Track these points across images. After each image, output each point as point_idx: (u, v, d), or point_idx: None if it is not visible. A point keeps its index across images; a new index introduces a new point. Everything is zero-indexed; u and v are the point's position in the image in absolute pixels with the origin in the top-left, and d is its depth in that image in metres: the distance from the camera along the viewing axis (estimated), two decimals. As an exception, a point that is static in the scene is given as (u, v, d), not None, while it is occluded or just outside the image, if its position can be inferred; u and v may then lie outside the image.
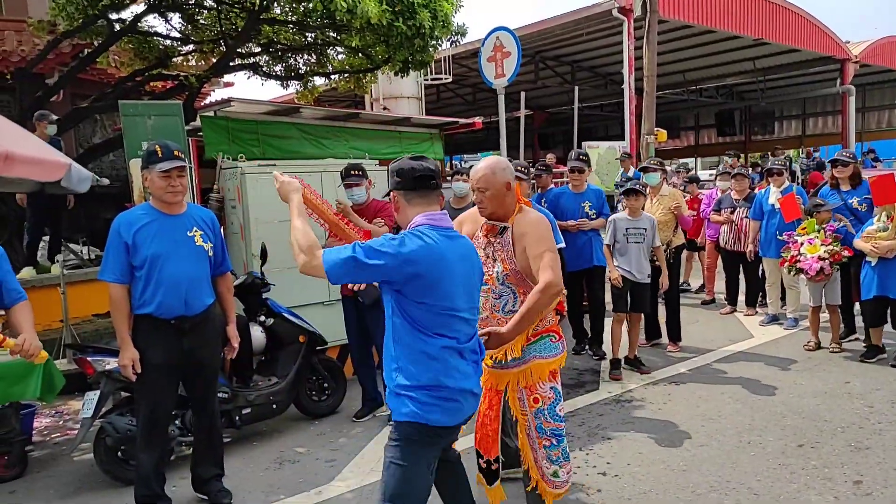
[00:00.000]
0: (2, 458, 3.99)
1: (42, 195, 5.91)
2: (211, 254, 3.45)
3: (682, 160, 23.19)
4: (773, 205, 6.67)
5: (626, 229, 5.45)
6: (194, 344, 3.37)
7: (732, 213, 7.40)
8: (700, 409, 4.71)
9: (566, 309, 3.03)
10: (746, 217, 7.20)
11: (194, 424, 3.67)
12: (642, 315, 5.81)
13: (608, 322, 5.86)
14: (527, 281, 2.83)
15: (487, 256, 2.89)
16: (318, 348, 4.86)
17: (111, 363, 3.62)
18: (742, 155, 22.50)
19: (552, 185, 6.84)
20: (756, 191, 7.38)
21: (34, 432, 4.64)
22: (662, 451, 4.04)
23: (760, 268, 7.38)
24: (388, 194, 2.59)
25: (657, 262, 5.72)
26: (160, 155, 3.23)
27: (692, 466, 3.82)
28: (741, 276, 7.57)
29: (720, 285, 8.00)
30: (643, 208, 5.66)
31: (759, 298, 7.63)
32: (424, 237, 2.31)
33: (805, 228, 5.73)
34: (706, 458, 3.93)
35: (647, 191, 6.17)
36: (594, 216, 5.95)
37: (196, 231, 3.39)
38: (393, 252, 2.24)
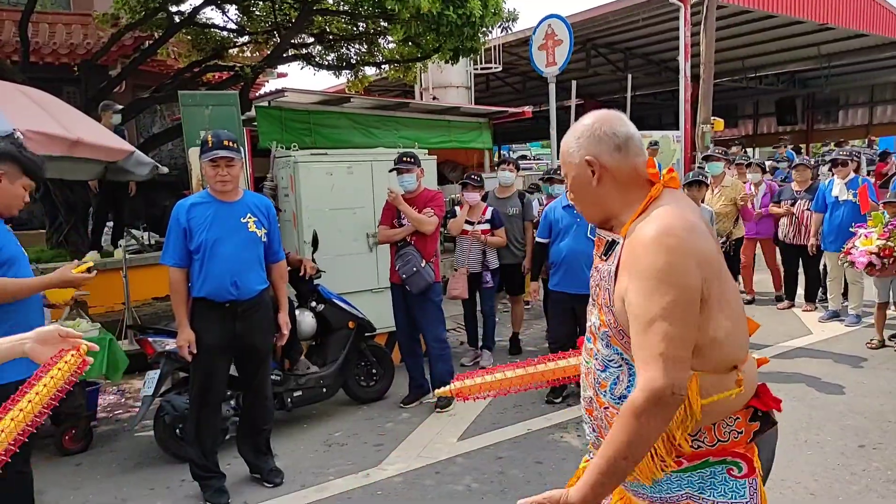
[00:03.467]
0: (69, 431, 4.20)
1: (106, 183, 6.16)
2: (264, 240, 3.52)
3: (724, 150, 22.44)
4: (836, 196, 6.40)
5: None
6: (245, 328, 3.46)
7: (793, 204, 7.13)
8: (754, 406, 4.57)
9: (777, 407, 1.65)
10: (808, 209, 6.93)
11: (243, 405, 3.79)
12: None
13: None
14: None
15: (592, 295, 1.66)
16: (366, 335, 4.93)
17: (170, 344, 3.76)
18: (804, 145, 21.61)
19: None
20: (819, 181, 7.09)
21: (98, 409, 4.86)
22: (714, 447, 3.94)
23: (822, 262, 7.10)
24: None
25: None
26: (210, 145, 3.33)
27: (745, 464, 3.72)
28: (800, 271, 7.30)
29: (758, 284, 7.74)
30: (703, 199, 5.50)
31: (819, 294, 7.35)
32: None
33: (873, 221, 5.48)
34: (760, 455, 3.82)
35: (710, 181, 5.99)
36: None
37: (250, 217, 3.46)
38: None
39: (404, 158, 4.68)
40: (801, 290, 7.37)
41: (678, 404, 1.41)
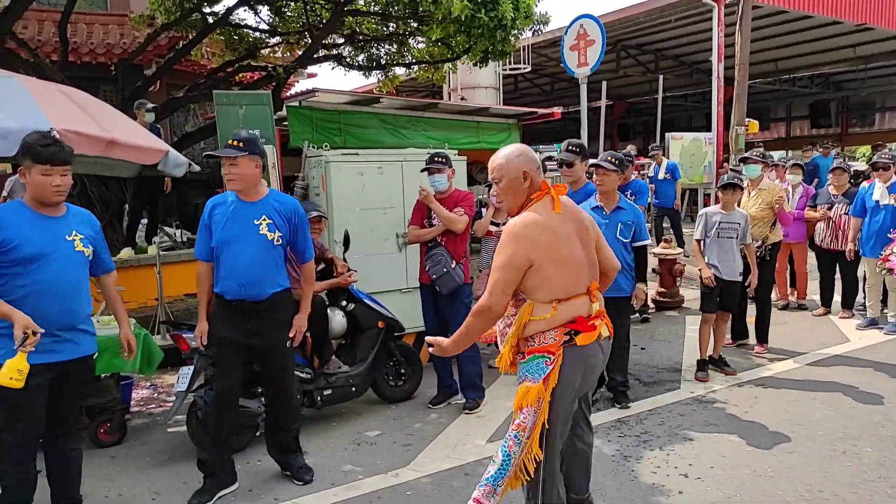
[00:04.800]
0: (104, 424, 4.28)
1: (142, 179, 6.27)
2: (278, 243, 3.46)
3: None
4: (877, 201, 6.25)
5: (719, 223, 5.20)
6: (260, 327, 3.48)
7: (829, 209, 6.98)
8: (789, 414, 4.48)
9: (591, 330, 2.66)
10: (845, 214, 6.77)
11: (266, 404, 3.81)
12: (730, 314, 5.57)
13: (691, 322, 5.66)
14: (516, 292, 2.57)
15: None
16: (395, 334, 4.94)
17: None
18: (840, 147, 21.13)
19: (634, 177, 6.74)
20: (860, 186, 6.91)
21: (132, 403, 4.94)
22: (747, 455, 3.87)
23: (860, 268, 6.93)
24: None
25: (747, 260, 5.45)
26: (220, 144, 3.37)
27: (780, 473, 3.64)
28: (837, 277, 7.14)
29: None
30: (739, 203, 5.40)
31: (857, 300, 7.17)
32: None
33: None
34: (795, 464, 3.74)
35: (746, 184, 5.88)
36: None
37: (264, 220, 3.42)
38: None
39: (436, 159, 4.67)
40: (837, 297, 7.21)
41: (494, 319, 2.58)
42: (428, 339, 2.77)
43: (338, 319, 4.69)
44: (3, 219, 2.82)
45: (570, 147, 4.87)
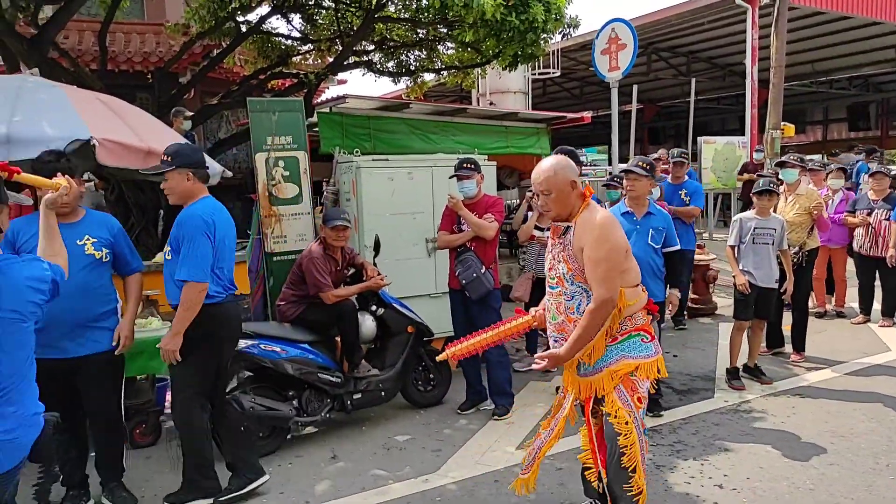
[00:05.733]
0: (139, 426, 4.35)
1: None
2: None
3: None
4: (919, 206, 6.06)
5: (754, 229, 5.10)
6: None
7: (869, 214, 6.79)
8: (829, 425, 4.35)
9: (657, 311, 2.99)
10: (886, 219, 6.58)
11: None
12: (765, 322, 5.45)
13: (725, 329, 5.55)
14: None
15: (554, 258, 2.84)
16: (425, 339, 4.94)
17: (239, 344, 3.85)
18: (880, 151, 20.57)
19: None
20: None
21: (167, 404, 5.02)
22: (786, 467, 3.77)
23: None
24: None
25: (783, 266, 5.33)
26: None
27: (820, 486, 3.54)
28: (877, 284, 6.93)
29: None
30: (775, 209, 5.29)
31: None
32: None
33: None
34: (836, 478, 3.63)
35: (782, 189, 5.77)
36: None
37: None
38: None
39: (465, 165, 4.66)
40: (877, 305, 7.00)
41: (612, 309, 2.68)
42: (538, 356, 2.79)
43: (368, 324, 4.70)
44: (20, 230, 3.17)
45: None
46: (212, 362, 3.46)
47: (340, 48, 7.95)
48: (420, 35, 8.18)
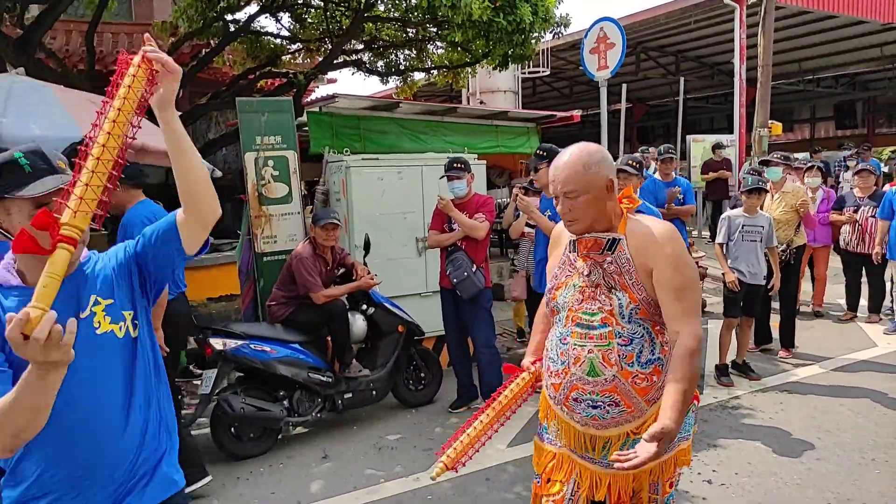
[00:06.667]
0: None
1: (166, 187, 6.36)
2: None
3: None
4: (904, 204, 6.13)
5: (742, 226, 5.14)
6: None
7: (856, 211, 6.86)
8: (816, 421, 4.40)
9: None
10: (872, 216, 6.65)
11: None
12: (753, 319, 5.49)
13: (713, 327, 5.59)
14: (659, 314, 1.97)
15: (595, 286, 2.00)
16: (415, 339, 4.95)
17: (229, 344, 3.85)
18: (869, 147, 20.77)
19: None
20: (886, 188, 6.79)
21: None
22: (774, 463, 3.81)
23: (887, 272, 6.80)
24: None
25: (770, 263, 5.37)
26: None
27: (808, 481, 3.58)
28: (863, 281, 7.01)
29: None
30: (762, 206, 5.33)
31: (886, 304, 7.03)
32: None
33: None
34: (824, 473, 3.67)
35: (769, 187, 5.81)
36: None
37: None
38: None
39: (455, 165, 4.67)
40: (864, 301, 7.07)
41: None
42: (645, 436, 1.72)
43: (358, 324, 4.71)
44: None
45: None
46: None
47: (330, 48, 7.93)
48: (409, 35, 8.17)
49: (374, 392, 4.61)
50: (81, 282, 1.58)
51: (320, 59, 8.24)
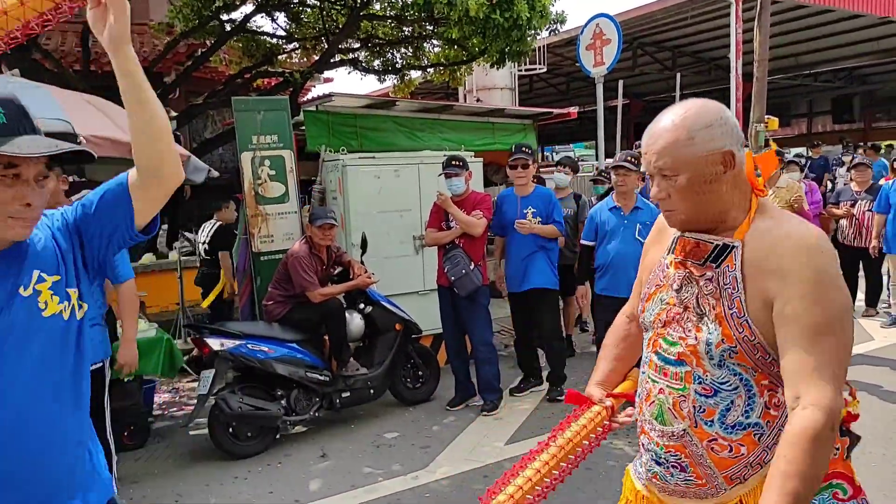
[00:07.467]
0: (128, 427, 4.33)
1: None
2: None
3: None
4: (902, 197, 6.14)
5: None
6: None
7: (853, 206, 6.87)
8: (813, 415, 4.40)
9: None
10: (869, 210, 6.66)
11: None
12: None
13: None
14: (775, 363, 1.35)
15: (684, 308, 1.45)
16: (413, 336, 4.96)
17: (226, 344, 3.85)
18: (863, 143, 20.79)
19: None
20: (882, 182, 6.80)
21: (154, 406, 5.01)
22: (771, 457, 3.82)
23: (884, 266, 6.82)
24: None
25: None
26: None
27: (805, 475, 3.58)
28: (860, 275, 7.02)
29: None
30: None
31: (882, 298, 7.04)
32: None
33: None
34: (821, 467, 3.67)
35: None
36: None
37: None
38: None
39: (453, 162, 4.67)
40: (861, 295, 7.09)
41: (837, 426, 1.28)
42: None
43: (356, 322, 4.71)
44: None
45: (522, 149, 4.92)
46: None
47: (326, 46, 7.92)
48: (406, 32, 8.16)
49: (371, 390, 4.62)
50: (21, 255, 1.35)
51: (316, 57, 8.24)
